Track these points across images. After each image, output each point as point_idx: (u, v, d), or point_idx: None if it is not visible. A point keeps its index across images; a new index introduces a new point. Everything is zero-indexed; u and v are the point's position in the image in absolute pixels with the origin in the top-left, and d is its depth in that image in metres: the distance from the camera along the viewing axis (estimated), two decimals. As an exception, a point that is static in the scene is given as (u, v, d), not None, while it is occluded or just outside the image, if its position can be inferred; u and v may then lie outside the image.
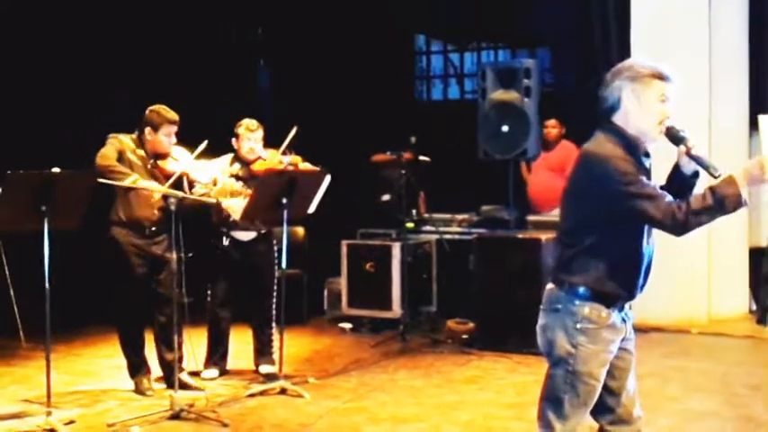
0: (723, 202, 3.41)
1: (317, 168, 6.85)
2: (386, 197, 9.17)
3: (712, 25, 8.97)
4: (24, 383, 6.78)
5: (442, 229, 9.32)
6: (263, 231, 6.97)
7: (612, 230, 3.50)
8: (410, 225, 9.15)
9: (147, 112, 6.35)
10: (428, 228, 9.45)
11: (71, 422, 5.75)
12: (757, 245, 9.19)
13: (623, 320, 3.62)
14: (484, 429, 5.70)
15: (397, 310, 8.73)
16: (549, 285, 3.65)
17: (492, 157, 8.19)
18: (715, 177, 3.52)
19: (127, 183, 6.09)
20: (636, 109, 3.54)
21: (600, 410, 3.67)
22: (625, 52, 9.06)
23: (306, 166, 6.89)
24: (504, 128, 8.03)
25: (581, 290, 3.54)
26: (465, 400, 6.38)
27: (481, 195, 9.57)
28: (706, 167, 3.56)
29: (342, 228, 9.32)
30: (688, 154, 3.55)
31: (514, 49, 12.11)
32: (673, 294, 8.81)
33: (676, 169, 3.65)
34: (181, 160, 6.34)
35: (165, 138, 6.33)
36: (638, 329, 8.29)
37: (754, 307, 9.16)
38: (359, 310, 8.99)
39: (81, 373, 7.16)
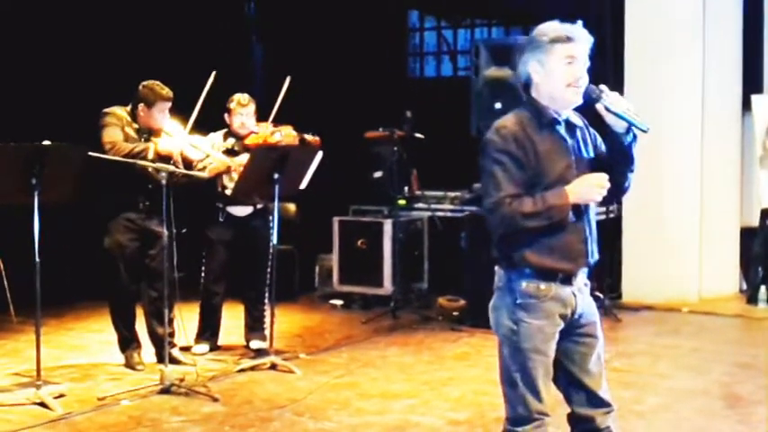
0: (550, 212, 3.36)
1: (308, 136, 6.86)
2: (378, 174, 9.16)
3: (707, 4, 8.95)
4: (14, 357, 6.77)
5: (434, 206, 9.32)
6: (259, 206, 6.95)
7: None
8: (402, 202, 9.14)
9: (140, 87, 6.28)
10: (420, 205, 9.45)
11: (61, 396, 5.74)
12: (748, 224, 9.21)
13: (573, 294, 3.50)
14: (474, 405, 5.71)
15: (388, 286, 8.74)
16: (496, 266, 3.60)
17: (485, 135, 8.16)
18: (644, 131, 3.42)
19: (149, 159, 6.05)
20: (543, 78, 3.46)
21: (568, 394, 3.61)
22: (619, 31, 9.04)
23: (290, 131, 6.86)
24: (498, 105, 7.98)
25: (517, 266, 3.47)
26: (455, 376, 6.40)
27: (474, 173, 9.48)
28: (631, 123, 3.42)
29: (333, 204, 9.31)
30: (608, 110, 3.42)
31: (508, 26, 12.05)
32: (664, 273, 8.85)
33: (608, 130, 3.51)
34: (174, 135, 6.30)
35: (159, 114, 6.28)
36: (629, 308, 8.46)
37: (745, 286, 9.19)
38: (350, 286, 8.99)
39: (71, 348, 7.16)
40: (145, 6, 9.41)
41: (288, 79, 6.69)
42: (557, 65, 3.43)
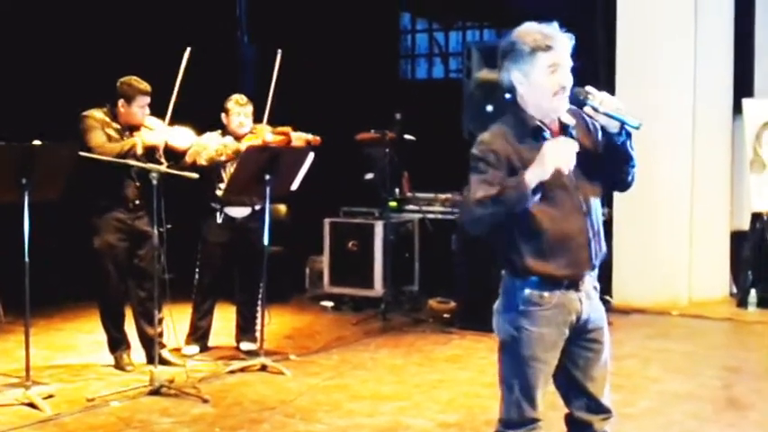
0: (504, 192, 3.25)
1: (310, 137, 6.87)
2: (369, 175, 9.14)
3: (698, 7, 8.96)
4: (3, 358, 6.73)
5: (425, 208, 9.31)
6: (257, 208, 6.92)
7: (522, 210, 3.34)
8: (393, 204, 9.14)
9: (118, 84, 6.28)
10: (411, 207, 9.44)
11: (50, 396, 5.72)
12: (739, 228, 9.23)
13: (580, 300, 3.45)
14: (464, 408, 5.70)
15: (378, 288, 8.72)
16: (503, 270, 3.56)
17: (476, 137, 8.15)
18: (635, 128, 3.35)
19: (140, 154, 6.04)
20: (528, 89, 3.39)
21: (567, 397, 3.59)
22: (610, 34, 9.05)
23: (298, 136, 6.88)
24: (489, 107, 7.99)
25: (520, 273, 3.43)
26: (446, 378, 6.39)
27: (465, 175, 9.50)
28: (622, 122, 3.35)
29: (325, 205, 9.29)
30: (597, 111, 3.35)
31: (500, 29, 12.05)
32: (654, 277, 8.86)
33: (604, 131, 3.45)
34: (156, 129, 6.30)
35: (139, 109, 6.28)
36: (620, 311, 8.47)
37: (735, 290, 9.20)
38: (341, 288, 8.98)
39: (60, 348, 7.13)
40: (134, 5, 9.38)
41: (279, 53, 6.69)
42: (540, 76, 3.35)
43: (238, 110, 6.91)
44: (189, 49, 6.02)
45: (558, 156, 3.22)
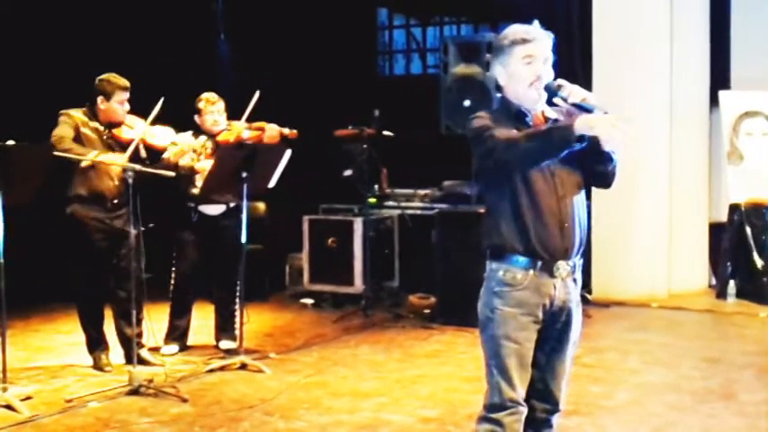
0: (551, 132, 3.41)
1: (285, 130, 6.84)
2: (348, 172, 9.12)
3: (674, 0, 8.99)
4: (-20, 360, 6.68)
5: (404, 204, 9.32)
6: (231, 205, 6.88)
7: (500, 188, 3.51)
8: (372, 200, 9.14)
9: (96, 81, 6.31)
10: (390, 203, 9.45)
11: (28, 398, 5.68)
12: (717, 220, 9.27)
13: (554, 286, 3.51)
14: (444, 402, 5.70)
15: (359, 285, 8.71)
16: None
17: (454, 132, 8.16)
18: None
19: (89, 157, 6.01)
20: (507, 81, 3.59)
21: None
22: (587, 28, 9.06)
23: (272, 127, 6.85)
24: (467, 102, 7.99)
25: (495, 252, 3.57)
26: (426, 374, 6.38)
27: (443, 170, 9.55)
28: (590, 111, 3.41)
29: (303, 203, 9.27)
30: (565, 102, 3.46)
31: (477, 24, 12.06)
32: (633, 269, 8.89)
33: None
34: (136, 127, 6.28)
35: (119, 105, 6.29)
36: (599, 304, 8.49)
37: (714, 281, 9.24)
38: (321, 285, 8.97)
39: (38, 349, 7.09)
40: (110, 3, 9.33)
41: (257, 93, 6.64)
42: (517, 66, 3.55)
43: (210, 108, 6.88)
44: (161, 100, 6.05)
45: (610, 128, 3.27)
